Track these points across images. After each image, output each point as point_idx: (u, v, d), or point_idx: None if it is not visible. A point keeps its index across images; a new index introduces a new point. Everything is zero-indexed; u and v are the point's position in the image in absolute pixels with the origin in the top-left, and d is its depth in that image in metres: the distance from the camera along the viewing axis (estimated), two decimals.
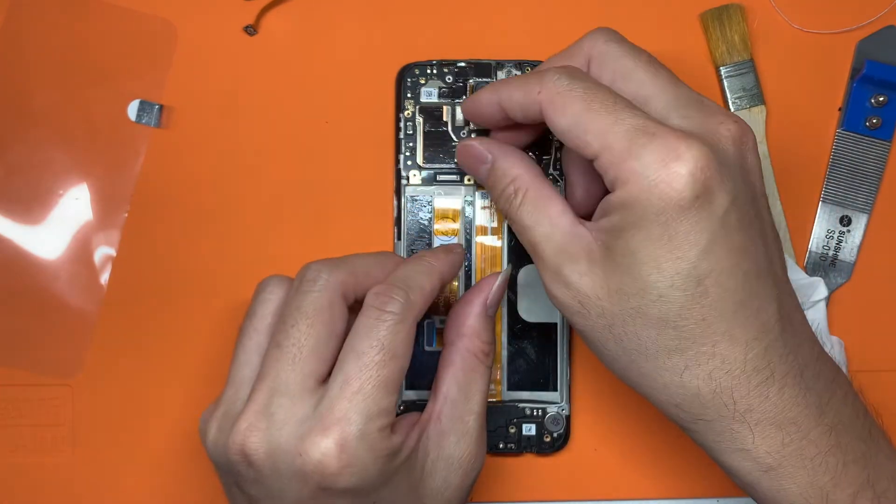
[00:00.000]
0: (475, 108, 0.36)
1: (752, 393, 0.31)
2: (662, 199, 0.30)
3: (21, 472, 0.40)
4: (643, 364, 0.32)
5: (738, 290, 0.30)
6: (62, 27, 0.40)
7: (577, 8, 0.41)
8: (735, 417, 0.31)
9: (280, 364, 0.32)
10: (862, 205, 0.41)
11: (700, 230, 0.30)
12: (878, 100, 0.40)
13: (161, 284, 0.40)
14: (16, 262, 0.40)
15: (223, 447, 0.32)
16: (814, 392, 0.32)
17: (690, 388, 0.31)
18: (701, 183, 0.29)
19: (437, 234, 0.40)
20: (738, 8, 0.40)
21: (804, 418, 0.32)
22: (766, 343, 0.31)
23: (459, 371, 0.35)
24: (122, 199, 0.40)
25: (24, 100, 0.40)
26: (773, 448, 0.32)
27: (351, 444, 0.30)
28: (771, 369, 0.31)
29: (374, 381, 0.31)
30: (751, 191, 0.32)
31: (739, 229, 0.30)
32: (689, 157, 0.29)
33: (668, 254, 0.30)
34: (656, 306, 0.30)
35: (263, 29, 0.41)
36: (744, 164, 0.32)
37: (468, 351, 0.35)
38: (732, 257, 0.30)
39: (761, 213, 0.32)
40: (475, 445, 0.34)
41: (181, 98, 0.40)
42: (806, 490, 0.32)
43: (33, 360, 0.40)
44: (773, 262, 0.32)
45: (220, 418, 0.33)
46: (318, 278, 0.33)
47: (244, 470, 0.32)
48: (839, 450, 0.32)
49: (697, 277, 0.30)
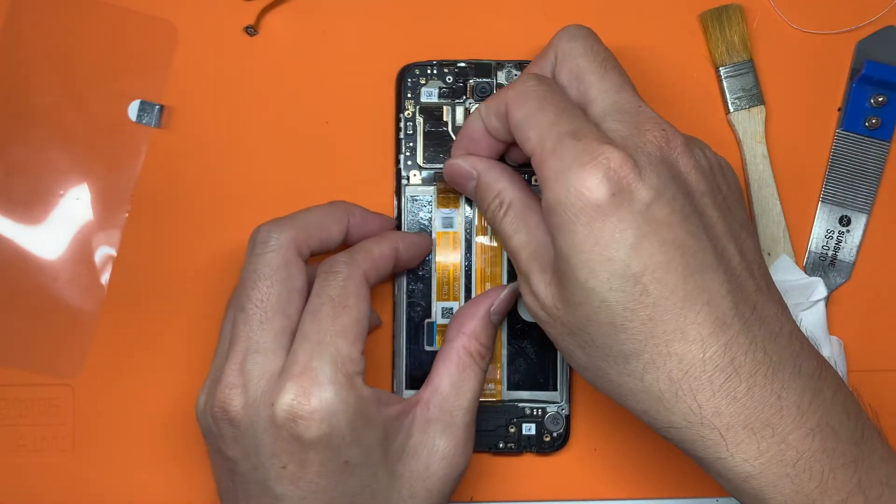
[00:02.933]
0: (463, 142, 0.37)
1: (717, 394, 0.30)
2: (580, 199, 0.30)
3: (21, 472, 0.40)
4: (608, 370, 0.32)
5: (679, 286, 0.30)
6: (62, 27, 0.40)
7: (577, 8, 0.41)
8: (703, 423, 0.31)
9: (249, 326, 0.33)
10: (861, 205, 0.41)
11: (623, 227, 0.30)
12: (877, 100, 0.40)
13: (161, 284, 0.40)
14: (16, 262, 0.40)
15: (208, 411, 0.33)
16: (792, 391, 0.31)
17: (653, 393, 0.31)
18: (615, 181, 0.30)
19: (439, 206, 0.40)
20: (738, 8, 0.40)
21: (780, 420, 0.30)
22: (726, 339, 0.30)
23: (454, 367, 0.36)
24: (122, 199, 0.40)
25: (25, 100, 0.40)
26: (749, 455, 0.30)
27: (317, 389, 0.32)
28: (735, 367, 0.30)
29: (330, 332, 0.32)
30: (684, 188, 0.31)
31: (671, 225, 0.30)
32: (603, 158, 0.30)
33: (598, 256, 0.30)
34: (602, 312, 0.30)
35: (264, 29, 0.41)
36: (672, 165, 0.31)
37: (465, 349, 0.36)
38: (666, 252, 0.30)
39: (705, 210, 0.32)
40: (461, 441, 0.35)
41: (181, 98, 0.40)
42: (791, 498, 0.31)
43: (33, 360, 0.40)
44: (727, 257, 0.31)
45: (207, 387, 0.34)
46: (270, 239, 0.34)
47: (225, 429, 0.33)
48: (825, 454, 0.31)
49: (633, 276, 0.30)
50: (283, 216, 0.36)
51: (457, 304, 0.40)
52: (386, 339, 0.40)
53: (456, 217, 0.40)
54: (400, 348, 0.40)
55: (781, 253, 0.40)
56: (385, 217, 0.39)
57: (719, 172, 0.33)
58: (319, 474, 0.32)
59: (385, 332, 0.40)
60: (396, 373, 0.40)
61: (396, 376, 0.40)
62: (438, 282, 0.40)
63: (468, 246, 0.40)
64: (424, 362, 0.39)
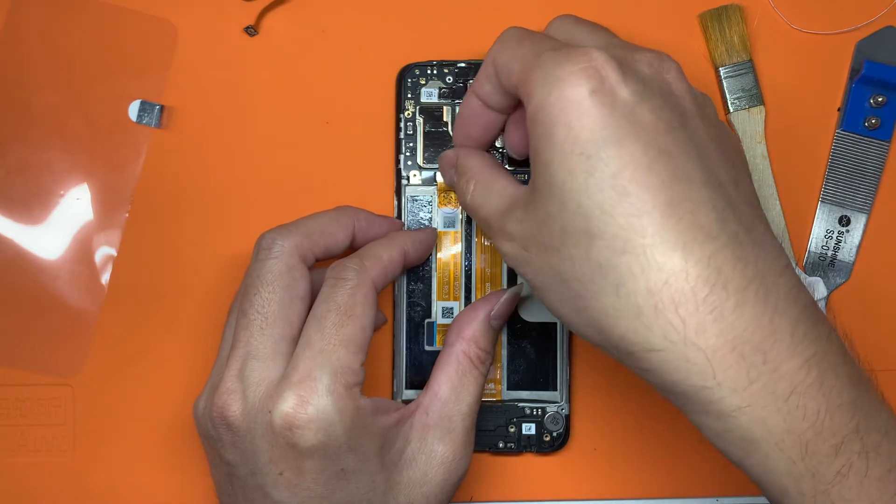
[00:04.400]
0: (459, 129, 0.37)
1: (700, 308, 0.28)
2: (560, 99, 0.29)
3: (21, 472, 0.40)
4: (583, 292, 0.29)
5: (662, 190, 0.28)
6: (62, 27, 0.40)
7: (577, 9, 0.41)
8: (687, 342, 0.28)
9: (249, 331, 0.33)
10: (861, 205, 0.41)
11: (604, 125, 0.28)
12: (877, 100, 0.40)
13: (161, 284, 0.40)
14: (17, 262, 0.40)
15: (207, 415, 0.33)
16: (787, 317, 0.28)
17: (630, 308, 0.28)
18: (596, 79, 0.29)
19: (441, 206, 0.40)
20: (738, 8, 0.40)
21: (773, 346, 0.28)
22: (711, 249, 0.28)
23: (453, 372, 0.36)
24: (122, 199, 0.40)
25: (25, 100, 0.40)
26: (738, 383, 0.28)
27: (315, 398, 0.32)
28: (721, 280, 0.28)
29: (334, 341, 0.32)
30: (674, 105, 0.30)
31: (658, 131, 0.29)
32: (584, 58, 0.29)
33: (578, 156, 0.29)
34: (578, 218, 0.29)
35: (264, 29, 0.41)
36: (663, 83, 0.31)
37: (464, 354, 0.36)
38: (650, 155, 0.28)
39: (696, 131, 0.30)
40: (460, 446, 0.35)
41: (181, 98, 0.40)
42: (782, 438, 0.28)
43: (33, 360, 0.40)
44: (719, 179, 0.30)
45: (207, 392, 0.34)
46: (274, 245, 0.34)
47: (224, 434, 0.33)
48: (821, 392, 0.28)
49: (611, 175, 0.28)
50: (288, 222, 0.36)
51: (457, 304, 0.40)
52: (386, 339, 0.40)
53: (457, 217, 0.40)
54: (400, 348, 0.40)
55: None
56: (391, 220, 0.39)
57: (716, 121, 0.32)
58: (316, 481, 0.32)
59: (385, 332, 0.40)
60: (396, 373, 0.40)
61: (396, 376, 0.40)
62: (439, 281, 0.40)
63: (468, 246, 0.40)
64: (424, 362, 0.39)
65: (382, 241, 0.36)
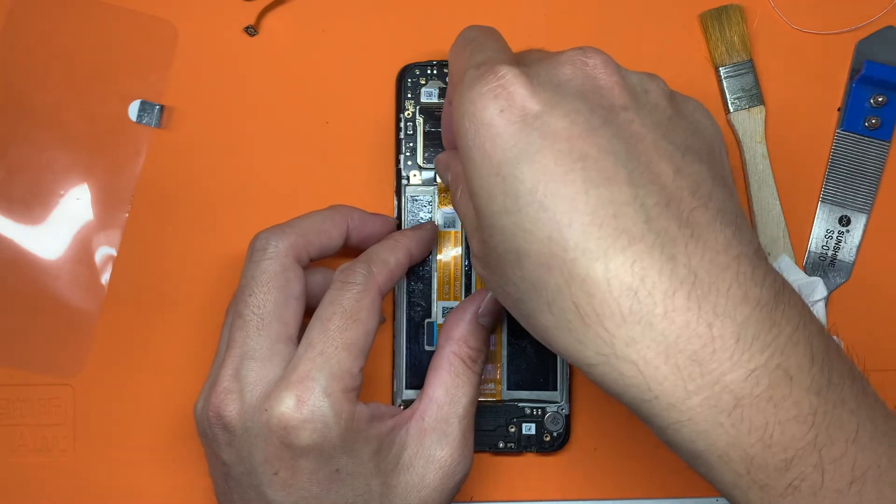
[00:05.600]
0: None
1: (627, 320, 0.26)
2: (473, 122, 0.28)
3: (21, 472, 0.40)
4: (527, 312, 0.29)
5: (579, 198, 0.27)
6: (63, 28, 0.40)
7: (577, 9, 0.41)
8: (618, 355, 0.27)
9: (245, 331, 0.33)
10: (861, 205, 0.41)
11: (515, 143, 0.28)
12: (877, 100, 0.40)
13: (161, 284, 0.40)
14: (17, 262, 0.40)
15: (205, 414, 0.33)
16: (729, 321, 0.26)
17: (563, 325, 0.28)
18: (504, 97, 0.28)
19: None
20: (738, 8, 0.40)
21: (712, 356, 0.26)
22: (633, 254, 0.26)
23: (446, 374, 0.36)
24: (122, 199, 0.40)
25: (25, 100, 0.40)
26: (675, 397, 0.26)
27: (312, 399, 0.32)
28: (647, 287, 0.26)
29: (336, 343, 0.32)
30: (598, 101, 0.28)
31: (570, 137, 0.27)
32: (494, 79, 0.28)
33: (494, 177, 0.28)
34: (506, 240, 0.28)
35: (264, 29, 0.41)
36: (585, 80, 0.29)
37: (455, 355, 0.36)
38: (563, 164, 0.27)
39: (627, 126, 0.28)
40: (458, 449, 0.35)
41: (181, 98, 0.40)
42: (726, 452, 0.27)
43: (33, 360, 0.40)
44: (654, 172, 0.28)
45: (205, 391, 0.34)
46: (268, 246, 0.34)
47: (220, 433, 0.33)
48: (770, 404, 0.26)
49: (527, 192, 0.27)
50: (282, 223, 0.36)
51: (457, 304, 0.39)
52: (386, 339, 0.40)
53: (456, 217, 0.40)
54: (400, 348, 0.40)
55: (781, 253, 0.40)
56: (385, 217, 0.39)
57: (665, 103, 0.30)
58: (311, 481, 0.32)
59: (385, 332, 0.40)
60: (396, 373, 0.40)
61: (396, 376, 0.40)
62: (439, 281, 0.40)
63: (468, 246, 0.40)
64: (424, 362, 0.39)
65: (387, 245, 0.36)
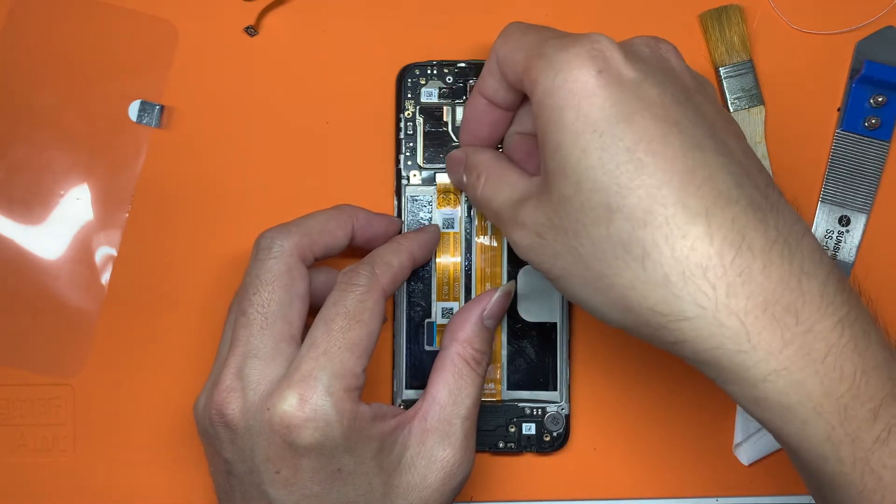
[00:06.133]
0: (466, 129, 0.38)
1: (729, 271, 0.28)
2: (567, 82, 0.29)
3: (21, 472, 0.40)
4: (606, 270, 0.29)
5: (678, 158, 0.28)
6: (62, 27, 0.40)
7: (577, 8, 0.41)
8: (719, 306, 0.28)
9: (249, 330, 0.33)
10: (861, 205, 0.41)
11: (613, 103, 0.29)
12: (877, 100, 0.40)
13: (161, 284, 0.40)
14: (17, 262, 0.40)
15: (206, 413, 0.34)
16: (815, 279, 0.28)
17: (658, 278, 0.28)
18: (601, 59, 0.29)
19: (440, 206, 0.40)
20: (738, 9, 0.40)
21: (804, 307, 0.28)
22: (733, 214, 0.28)
23: (450, 375, 0.36)
24: (122, 199, 0.40)
25: (25, 100, 0.40)
26: (773, 346, 0.28)
27: (314, 398, 0.32)
28: (746, 242, 0.28)
29: (339, 343, 0.33)
30: (676, 81, 0.31)
31: (664, 104, 0.29)
32: (586, 41, 0.30)
33: (590, 134, 0.29)
34: (596, 195, 0.29)
35: (264, 29, 0.41)
36: (663, 61, 0.31)
37: (460, 356, 0.36)
38: (661, 126, 0.29)
39: (701, 105, 0.31)
40: (460, 450, 0.35)
41: (181, 98, 0.40)
42: (820, 402, 0.28)
43: (33, 360, 0.40)
44: (729, 148, 0.30)
45: (207, 390, 0.34)
46: (273, 245, 0.34)
47: (222, 432, 0.33)
48: (856, 352, 0.28)
49: (626, 150, 0.29)
50: (287, 222, 0.36)
51: (457, 305, 0.40)
52: (386, 339, 0.40)
53: (456, 217, 0.40)
54: (400, 348, 0.40)
55: None
56: (390, 218, 0.39)
57: (717, 101, 0.33)
58: (312, 480, 0.32)
59: (385, 332, 0.40)
60: (396, 373, 0.40)
61: (396, 376, 0.40)
62: (438, 282, 0.40)
63: (468, 246, 0.40)
64: (424, 362, 0.39)
65: (391, 247, 0.36)
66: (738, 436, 0.40)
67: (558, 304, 0.40)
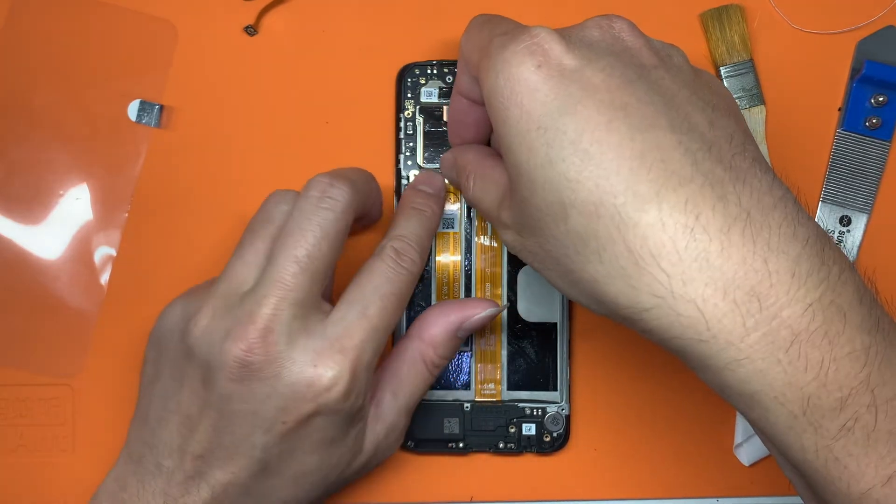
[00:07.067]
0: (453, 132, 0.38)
1: (683, 257, 0.26)
2: (509, 80, 0.29)
3: (21, 472, 0.40)
4: (571, 266, 0.29)
5: (625, 144, 0.27)
6: (62, 27, 0.40)
7: (577, 8, 0.41)
8: (675, 295, 0.27)
9: (300, 278, 0.32)
10: (861, 205, 0.41)
11: (556, 96, 0.28)
12: (877, 100, 0.40)
13: (161, 284, 0.40)
14: (16, 262, 0.40)
15: (220, 339, 0.32)
16: (784, 256, 0.26)
17: (614, 270, 0.27)
18: (540, 53, 0.29)
19: None
20: (738, 8, 0.40)
21: (769, 290, 0.26)
22: (686, 194, 0.27)
23: (407, 369, 0.36)
24: (122, 199, 0.40)
25: (25, 100, 0.40)
26: (734, 334, 0.26)
27: (362, 372, 0.32)
28: (701, 224, 0.26)
29: (386, 323, 0.33)
30: (629, 60, 0.29)
31: (610, 89, 0.28)
32: (526, 37, 0.29)
33: (535, 131, 0.28)
34: (548, 193, 0.28)
35: (264, 29, 0.41)
36: (615, 41, 0.30)
37: (420, 356, 0.36)
38: (605, 112, 0.28)
39: (660, 81, 0.29)
40: (396, 441, 0.36)
41: (181, 98, 0.40)
42: (782, 392, 0.26)
43: (33, 360, 0.40)
44: (691, 122, 0.28)
45: (218, 308, 0.33)
46: (342, 199, 0.33)
47: (235, 368, 0.32)
48: (826, 340, 0.26)
49: (571, 143, 0.28)
50: (344, 176, 0.34)
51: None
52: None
53: (456, 217, 0.40)
54: None
55: None
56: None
57: (688, 69, 0.31)
58: (308, 439, 0.33)
59: None
60: None
61: None
62: (438, 282, 0.40)
63: (468, 246, 0.40)
64: None
65: (420, 222, 0.37)
66: (739, 436, 0.40)
67: (558, 304, 0.40)
